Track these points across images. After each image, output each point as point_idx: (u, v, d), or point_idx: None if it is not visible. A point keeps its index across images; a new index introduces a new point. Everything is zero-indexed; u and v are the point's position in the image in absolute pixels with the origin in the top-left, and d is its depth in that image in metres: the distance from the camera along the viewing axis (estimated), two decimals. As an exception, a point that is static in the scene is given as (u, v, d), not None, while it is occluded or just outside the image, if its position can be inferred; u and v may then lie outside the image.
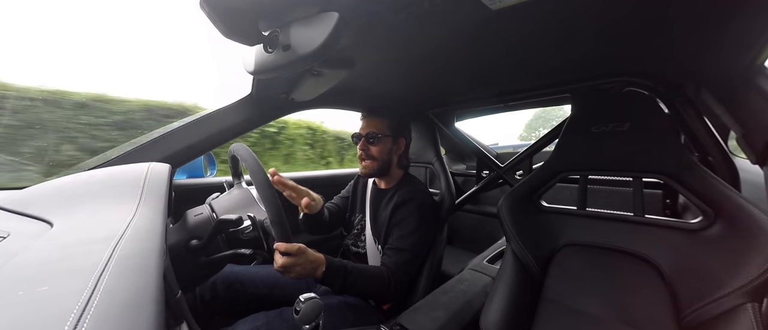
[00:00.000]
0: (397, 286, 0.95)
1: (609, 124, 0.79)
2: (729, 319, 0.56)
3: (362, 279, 0.89)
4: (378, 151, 1.09)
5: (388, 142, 1.10)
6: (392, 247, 1.01)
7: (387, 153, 1.10)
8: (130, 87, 6.44)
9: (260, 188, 0.69)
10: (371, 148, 1.09)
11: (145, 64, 7.85)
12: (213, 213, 0.82)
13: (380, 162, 1.10)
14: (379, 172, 1.12)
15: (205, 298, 1.00)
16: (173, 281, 0.57)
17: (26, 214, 0.49)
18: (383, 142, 1.09)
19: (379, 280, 0.92)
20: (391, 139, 1.11)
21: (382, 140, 1.09)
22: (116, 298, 0.29)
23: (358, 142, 1.12)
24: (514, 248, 0.90)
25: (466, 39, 0.71)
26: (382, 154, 1.10)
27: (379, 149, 1.09)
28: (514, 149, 2.30)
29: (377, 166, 1.10)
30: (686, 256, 0.68)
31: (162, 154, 0.94)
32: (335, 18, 0.50)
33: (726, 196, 0.63)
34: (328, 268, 0.84)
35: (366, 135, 1.09)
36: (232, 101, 1.08)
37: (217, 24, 0.49)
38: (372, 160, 1.09)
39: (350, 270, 0.88)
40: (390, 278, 0.94)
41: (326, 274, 0.83)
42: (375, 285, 0.91)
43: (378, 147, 1.09)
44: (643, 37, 0.68)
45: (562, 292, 0.79)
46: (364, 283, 0.89)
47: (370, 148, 1.09)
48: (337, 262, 0.88)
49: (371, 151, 1.09)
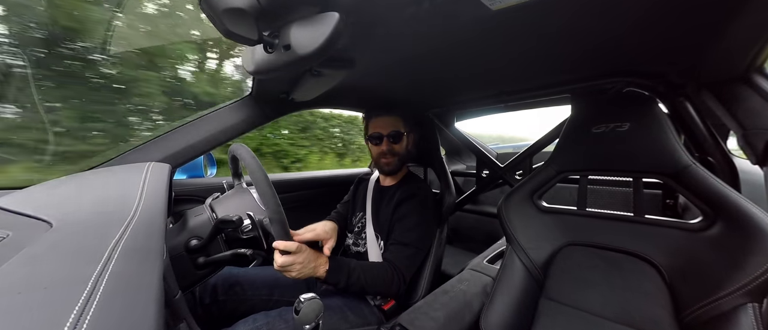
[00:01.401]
0: (401, 280, 0.96)
1: (609, 124, 0.79)
2: (729, 319, 0.56)
3: (366, 274, 0.90)
4: (401, 147, 1.14)
5: (410, 137, 1.16)
6: (395, 241, 1.02)
7: (407, 148, 1.16)
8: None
9: (260, 187, 0.69)
10: (395, 146, 1.13)
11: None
12: (213, 213, 0.82)
13: (401, 157, 1.15)
14: (400, 168, 1.16)
15: (204, 301, 0.99)
16: (173, 281, 0.57)
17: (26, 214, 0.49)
18: (404, 138, 1.14)
19: (382, 275, 0.93)
20: (413, 135, 1.17)
21: (403, 137, 1.13)
22: (116, 298, 0.29)
23: (380, 142, 1.13)
24: (514, 248, 0.90)
25: (466, 39, 0.71)
26: (404, 150, 1.15)
27: (402, 145, 1.14)
28: (514, 149, 2.30)
29: (399, 162, 1.15)
30: (686, 256, 0.68)
31: (162, 154, 0.94)
32: (335, 18, 0.50)
33: (726, 196, 0.63)
34: (331, 266, 0.85)
35: (388, 134, 1.12)
36: (232, 101, 1.08)
37: (217, 24, 0.49)
38: (395, 157, 1.13)
39: (354, 267, 0.89)
40: (393, 272, 0.95)
41: (330, 271, 0.84)
42: (379, 280, 0.92)
43: (401, 144, 1.13)
44: (642, 37, 0.68)
45: (563, 292, 0.79)
46: (368, 279, 0.90)
47: (394, 146, 1.12)
48: (340, 259, 0.89)
49: (395, 149, 1.13)
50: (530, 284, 0.86)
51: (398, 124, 1.13)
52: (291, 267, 0.76)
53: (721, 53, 0.67)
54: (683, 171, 0.69)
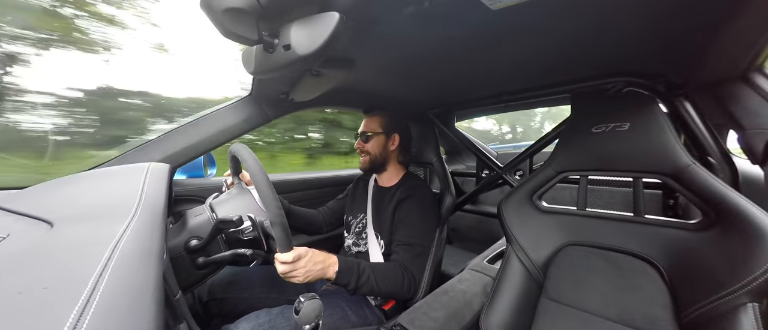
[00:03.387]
0: (411, 281, 0.97)
1: (609, 124, 0.79)
2: (730, 319, 0.56)
3: (376, 275, 0.89)
4: (371, 147, 1.16)
5: (380, 138, 1.17)
6: (400, 242, 1.02)
7: (380, 148, 1.17)
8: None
9: (260, 189, 0.69)
10: (365, 145, 1.17)
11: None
12: (213, 213, 0.82)
13: (373, 157, 1.17)
14: (375, 167, 1.19)
15: (204, 300, 0.99)
16: (173, 281, 0.57)
17: (26, 214, 0.49)
18: (375, 138, 1.16)
19: (393, 276, 0.93)
20: (384, 136, 1.17)
21: (374, 137, 1.16)
22: (116, 298, 0.29)
23: (356, 139, 1.21)
24: (514, 249, 0.90)
25: (466, 39, 0.71)
26: (375, 150, 1.17)
27: (372, 146, 1.16)
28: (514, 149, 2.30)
29: (371, 161, 1.18)
30: (686, 257, 0.68)
31: (162, 154, 0.94)
32: (336, 18, 0.50)
33: (726, 196, 0.63)
34: (341, 267, 0.84)
35: (361, 133, 1.18)
36: (232, 101, 1.08)
37: (217, 24, 0.49)
38: (366, 155, 1.18)
39: (364, 268, 0.88)
40: (403, 273, 0.96)
41: (339, 273, 0.83)
42: (390, 281, 0.92)
43: (371, 143, 1.16)
44: (643, 37, 0.68)
45: (563, 292, 0.79)
46: (379, 280, 0.89)
47: (365, 144, 1.17)
48: (350, 260, 0.87)
49: (365, 148, 1.17)
50: (530, 284, 0.85)
51: (374, 125, 1.17)
52: (293, 274, 0.75)
53: (721, 53, 0.67)
54: (683, 171, 0.69)
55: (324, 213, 1.36)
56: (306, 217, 1.28)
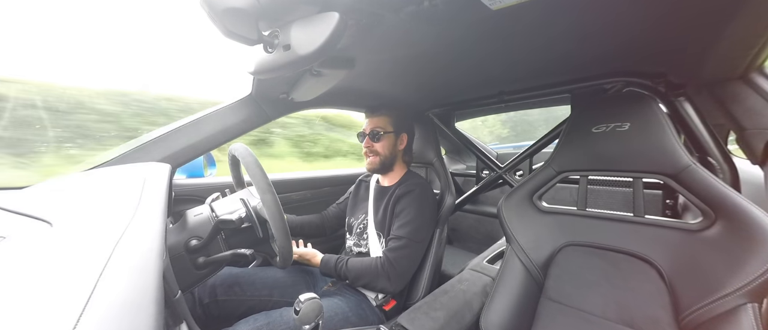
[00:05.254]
0: (389, 271, 0.98)
1: (609, 124, 0.79)
2: (729, 319, 0.56)
3: (349, 264, 1.02)
4: (382, 146, 1.14)
5: (390, 137, 1.15)
6: (391, 236, 1.05)
7: (390, 148, 1.15)
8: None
9: (260, 190, 0.69)
10: (375, 145, 1.14)
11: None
12: (213, 213, 0.82)
13: (383, 157, 1.15)
14: (383, 168, 1.17)
15: (203, 301, 0.99)
16: (173, 281, 0.57)
17: (26, 214, 0.49)
18: (386, 138, 1.14)
19: (367, 265, 1.01)
20: (394, 135, 1.16)
21: (385, 136, 1.14)
22: (116, 299, 0.29)
23: (364, 139, 1.17)
24: (514, 249, 0.90)
25: (466, 39, 0.71)
26: (386, 150, 1.15)
27: (383, 145, 1.14)
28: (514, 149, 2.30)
29: (381, 162, 1.15)
30: (686, 257, 0.68)
31: (162, 154, 0.94)
32: (336, 18, 0.50)
33: (726, 196, 0.63)
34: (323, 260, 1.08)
35: (370, 132, 1.14)
36: (232, 101, 1.08)
37: (217, 24, 0.49)
38: (376, 156, 1.15)
39: (340, 258, 1.05)
40: (378, 262, 1.00)
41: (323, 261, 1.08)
42: (364, 271, 1.00)
43: (381, 143, 1.14)
44: (643, 37, 0.68)
45: (563, 292, 0.79)
46: (351, 268, 1.02)
47: (374, 144, 1.14)
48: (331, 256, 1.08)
49: (375, 148, 1.14)
50: (530, 284, 0.85)
51: (383, 123, 1.14)
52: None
53: (721, 53, 0.67)
54: (683, 171, 0.69)
55: (324, 217, 1.36)
56: (306, 227, 1.31)
